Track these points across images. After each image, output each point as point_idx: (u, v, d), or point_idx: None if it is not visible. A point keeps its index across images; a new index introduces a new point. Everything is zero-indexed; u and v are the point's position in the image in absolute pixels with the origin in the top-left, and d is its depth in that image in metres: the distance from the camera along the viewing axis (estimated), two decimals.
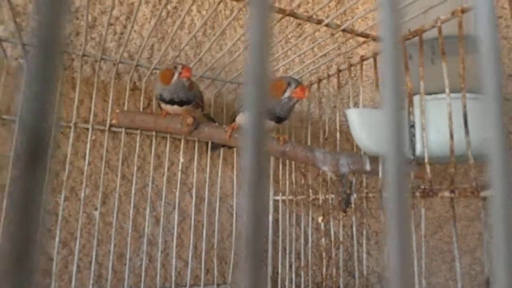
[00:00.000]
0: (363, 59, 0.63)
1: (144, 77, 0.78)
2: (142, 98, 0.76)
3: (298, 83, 0.60)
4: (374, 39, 0.59)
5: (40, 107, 0.10)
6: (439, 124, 0.53)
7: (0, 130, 0.65)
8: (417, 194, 0.51)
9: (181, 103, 0.65)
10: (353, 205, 0.62)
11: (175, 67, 0.63)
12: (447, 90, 0.49)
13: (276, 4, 0.59)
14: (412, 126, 0.53)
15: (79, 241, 0.66)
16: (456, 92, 0.51)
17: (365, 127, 0.51)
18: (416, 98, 0.54)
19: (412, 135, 0.53)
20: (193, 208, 0.77)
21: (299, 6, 0.93)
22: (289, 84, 0.60)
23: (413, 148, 0.52)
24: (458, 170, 0.57)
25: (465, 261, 0.76)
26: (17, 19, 0.63)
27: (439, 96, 0.54)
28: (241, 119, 0.66)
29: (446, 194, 0.48)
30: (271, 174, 0.86)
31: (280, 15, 0.53)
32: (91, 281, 0.66)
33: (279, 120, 0.62)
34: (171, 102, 0.65)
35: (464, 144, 0.49)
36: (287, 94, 0.60)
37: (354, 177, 0.62)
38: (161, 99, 0.66)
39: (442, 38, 0.50)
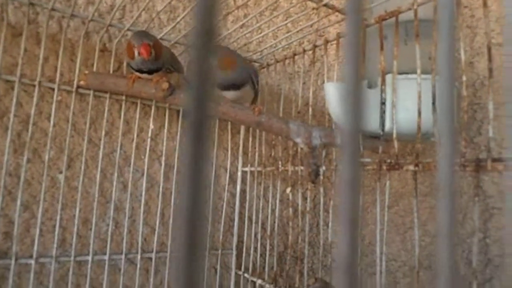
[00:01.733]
0: (339, 36, 0.65)
1: (114, 38, 0.74)
2: (112, 61, 0.73)
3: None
4: None
5: None
6: (408, 103, 0.56)
7: None
8: (384, 167, 0.55)
9: (150, 72, 0.64)
10: (321, 177, 0.65)
11: (134, 46, 0.60)
12: (418, 71, 0.52)
13: None
14: (383, 103, 0.56)
15: (42, 205, 0.63)
16: (425, 73, 0.54)
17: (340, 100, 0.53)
18: (388, 77, 0.57)
19: (383, 112, 0.55)
20: (161, 176, 0.77)
21: None
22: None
23: (383, 124, 0.55)
24: (423, 147, 0.61)
25: (415, 232, 0.82)
26: None
27: (409, 76, 0.57)
28: None
29: (411, 168, 0.52)
30: (241, 146, 0.87)
31: None
32: (55, 245, 0.64)
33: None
34: (140, 71, 0.64)
35: (428, 123, 0.53)
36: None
37: (324, 150, 0.65)
38: (130, 66, 0.64)
39: (418, 20, 0.53)
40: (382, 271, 0.54)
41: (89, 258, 0.67)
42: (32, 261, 0.62)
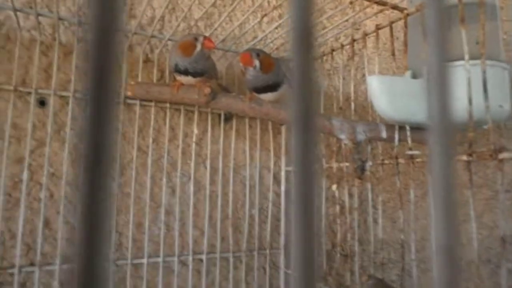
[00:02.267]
0: (378, 28, 0.63)
1: (156, 49, 0.77)
2: (155, 70, 0.76)
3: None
4: (393, 7, 0.59)
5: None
6: (456, 91, 0.54)
7: (17, 102, 0.65)
8: None
9: (195, 74, 0.66)
10: (367, 172, 0.64)
11: (196, 38, 0.63)
12: (466, 57, 0.50)
13: None
14: None
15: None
16: (473, 59, 0.52)
17: (385, 94, 0.52)
18: None
19: None
20: (207, 179, 0.78)
21: None
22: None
23: None
24: (475, 135, 0.59)
25: (470, 226, 0.79)
26: None
27: (456, 63, 0.55)
28: None
29: (464, 158, 0.50)
30: (283, 145, 0.87)
31: None
32: (113, 249, 0.68)
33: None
34: (185, 72, 0.66)
35: (480, 111, 0.50)
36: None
37: (369, 145, 0.64)
38: (176, 69, 0.66)
39: (462, 4, 0.51)
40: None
41: (144, 260, 0.70)
42: None
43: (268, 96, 0.69)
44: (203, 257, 0.76)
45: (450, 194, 0.10)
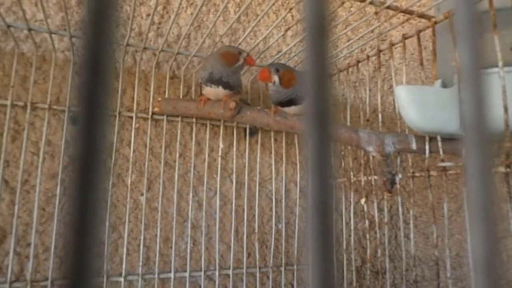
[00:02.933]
0: (405, 37, 0.62)
1: (182, 65, 0.79)
2: (181, 86, 0.77)
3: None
4: (420, 15, 0.58)
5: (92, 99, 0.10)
6: (490, 99, 0.52)
7: (51, 120, 0.68)
8: None
9: (226, 86, 0.67)
10: (397, 186, 0.62)
11: (240, 52, 0.66)
12: (500, 63, 0.48)
13: None
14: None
15: (128, 226, 0.68)
16: (507, 65, 0.50)
17: (415, 104, 0.51)
18: None
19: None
20: (233, 193, 0.78)
21: None
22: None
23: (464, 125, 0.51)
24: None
25: (510, 242, 0.74)
26: (63, 12, 0.65)
27: (489, 70, 0.53)
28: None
29: (501, 169, 0.47)
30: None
31: None
32: (140, 263, 0.68)
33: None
34: (218, 82, 0.66)
35: None
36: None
37: (399, 157, 0.62)
38: (209, 78, 0.66)
39: (494, 10, 0.49)
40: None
41: (171, 275, 0.70)
42: (122, 279, 0.67)
43: (292, 110, 0.68)
44: (230, 272, 0.75)
45: (488, 208, 0.10)
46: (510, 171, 0.46)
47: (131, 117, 0.73)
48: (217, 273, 0.74)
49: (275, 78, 0.66)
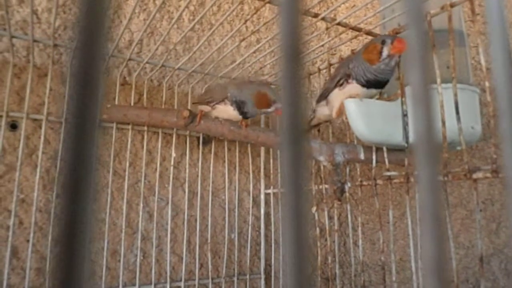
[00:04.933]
0: (354, 52, 0.65)
1: (134, 72, 0.77)
2: (133, 93, 0.75)
3: (393, 38, 0.54)
4: (367, 33, 0.61)
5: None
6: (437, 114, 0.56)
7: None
8: (412, 179, 0.54)
9: (245, 116, 0.65)
10: (347, 194, 0.64)
11: (274, 101, 0.61)
12: (438, 80, 0.52)
13: None
14: (405, 115, 0.55)
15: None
16: (444, 82, 0.54)
17: (363, 116, 0.53)
18: (408, 89, 0.57)
19: (406, 124, 0.55)
20: (186, 203, 0.77)
21: None
22: (383, 42, 0.55)
23: (407, 136, 0.55)
24: (449, 156, 0.60)
25: (448, 246, 0.80)
26: (3, 11, 0.61)
27: None
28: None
29: (440, 178, 0.51)
30: (262, 168, 0.87)
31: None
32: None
33: (382, 85, 0.58)
34: (240, 111, 0.64)
35: (453, 132, 0.52)
36: (385, 53, 0.54)
37: (348, 167, 0.64)
38: (234, 104, 0.64)
39: (432, 31, 0.53)
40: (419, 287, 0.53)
41: None
42: None
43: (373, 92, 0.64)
44: (181, 284, 0.73)
45: (437, 213, 0.10)
46: (448, 180, 0.50)
47: None
48: (168, 286, 0.72)
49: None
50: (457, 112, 0.49)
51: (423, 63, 0.11)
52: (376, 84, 0.56)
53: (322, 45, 0.86)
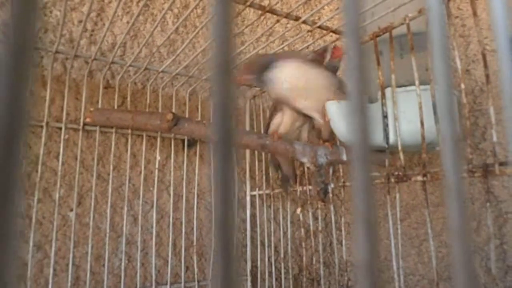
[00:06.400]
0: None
1: (117, 75, 0.76)
2: (116, 96, 0.74)
3: (333, 46, 0.65)
4: None
5: (12, 105, 0.10)
6: (409, 114, 0.57)
7: None
8: (392, 180, 0.55)
9: None
10: (330, 195, 0.65)
11: (325, 49, 0.64)
12: (417, 82, 0.53)
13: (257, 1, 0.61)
14: (385, 116, 0.56)
15: (55, 244, 0.64)
16: (424, 84, 0.55)
17: (344, 118, 0.54)
18: (388, 91, 0.58)
19: (386, 125, 0.56)
20: (171, 206, 0.77)
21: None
22: (325, 50, 0.64)
23: (387, 137, 0.56)
24: (429, 157, 0.61)
25: (430, 244, 0.81)
26: None
27: (408, 88, 0.58)
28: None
29: (419, 178, 0.52)
30: (247, 170, 0.87)
31: (260, 12, 0.55)
32: (69, 284, 0.64)
33: None
34: None
35: (432, 132, 0.53)
36: (327, 58, 0.63)
37: (331, 168, 0.65)
38: None
39: (411, 34, 0.54)
40: (401, 287, 0.53)
41: None
42: None
43: None
44: (167, 287, 0.73)
45: (370, 216, 0.11)
46: (427, 179, 0.51)
47: (60, 128, 0.69)
48: None
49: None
50: (435, 113, 0.50)
51: (359, 73, 0.12)
52: None
53: (307, 47, 0.86)
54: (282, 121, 0.69)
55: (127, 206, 0.72)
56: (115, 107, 0.74)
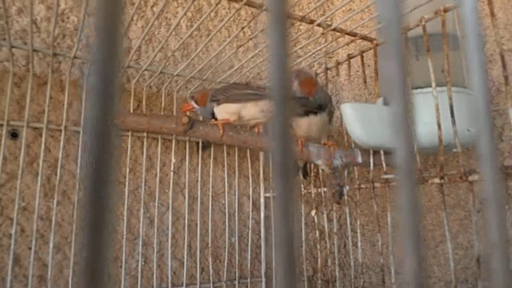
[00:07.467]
0: (350, 57, 0.66)
1: (132, 79, 0.78)
2: (132, 100, 0.75)
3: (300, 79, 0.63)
4: (362, 38, 0.62)
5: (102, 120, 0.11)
6: (426, 117, 0.56)
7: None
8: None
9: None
10: (345, 197, 0.65)
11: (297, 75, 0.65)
12: (433, 84, 0.52)
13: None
14: None
15: (74, 246, 0.65)
16: (440, 86, 0.54)
17: (359, 120, 0.54)
18: None
19: None
20: (186, 208, 0.77)
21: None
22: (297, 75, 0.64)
23: None
24: (445, 159, 0.61)
25: (447, 246, 0.80)
26: (3, 21, 0.62)
27: (424, 90, 0.58)
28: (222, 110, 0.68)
29: (436, 180, 0.52)
30: (261, 172, 0.88)
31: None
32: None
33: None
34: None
35: (449, 134, 0.53)
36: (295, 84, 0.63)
37: (346, 170, 0.65)
38: None
39: (427, 35, 0.54)
40: None
41: None
42: None
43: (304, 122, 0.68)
44: None
45: (416, 218, 0.11)
46: (444, 182, 0.51)
47: (78, 132, 0.70)
48: None
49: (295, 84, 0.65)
50: (452, 115, 0.50)
51: (401, 75, 0.12)
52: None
53: (320, 50, 0.86)
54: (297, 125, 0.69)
55: (143, 208, 0.73)
56: (131, 110, 0.75)
